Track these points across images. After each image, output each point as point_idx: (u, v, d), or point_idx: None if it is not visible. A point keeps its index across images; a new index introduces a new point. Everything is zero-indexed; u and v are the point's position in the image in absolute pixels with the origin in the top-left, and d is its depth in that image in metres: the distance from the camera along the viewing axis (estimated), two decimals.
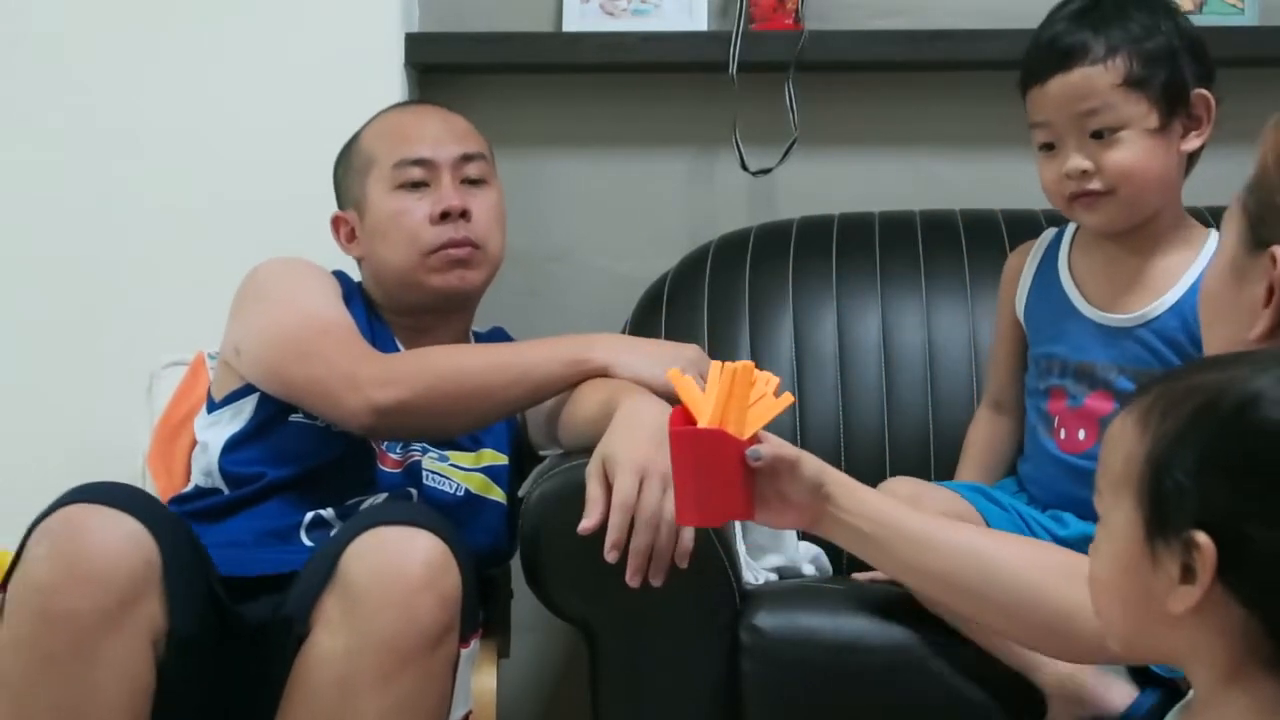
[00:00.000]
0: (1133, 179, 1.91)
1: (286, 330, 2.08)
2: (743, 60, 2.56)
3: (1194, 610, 1.16)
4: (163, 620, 1.76)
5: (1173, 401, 1.20)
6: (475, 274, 2.19)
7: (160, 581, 1.76)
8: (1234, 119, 2.50)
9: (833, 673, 1.89)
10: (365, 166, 2.21)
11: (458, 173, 2.20)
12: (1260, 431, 1.15)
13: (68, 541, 1.74)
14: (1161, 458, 1.18)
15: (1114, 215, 1.94)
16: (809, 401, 2.39)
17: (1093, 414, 1.95)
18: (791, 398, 1.60)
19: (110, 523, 1.75)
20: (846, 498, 1.61)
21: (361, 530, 1.79)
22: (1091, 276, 2.01)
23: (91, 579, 1.72)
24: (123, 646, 1.73)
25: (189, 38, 2.57)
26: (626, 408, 1.85)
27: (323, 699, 1.75)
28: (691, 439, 1.54)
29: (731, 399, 1.54)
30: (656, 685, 1.94)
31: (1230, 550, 1.14)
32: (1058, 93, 1.91)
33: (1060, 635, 1.53)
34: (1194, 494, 1.16)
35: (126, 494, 1.80)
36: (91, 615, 1.71)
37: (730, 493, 1.56)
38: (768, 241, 2.50)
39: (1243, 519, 1.14)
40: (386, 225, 2.18)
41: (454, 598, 1.78)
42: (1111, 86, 1.90)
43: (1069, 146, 1.92)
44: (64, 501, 1.78)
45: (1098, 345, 1.96)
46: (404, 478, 2.12)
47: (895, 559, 1.61)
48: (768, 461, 1.56)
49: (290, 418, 2.10)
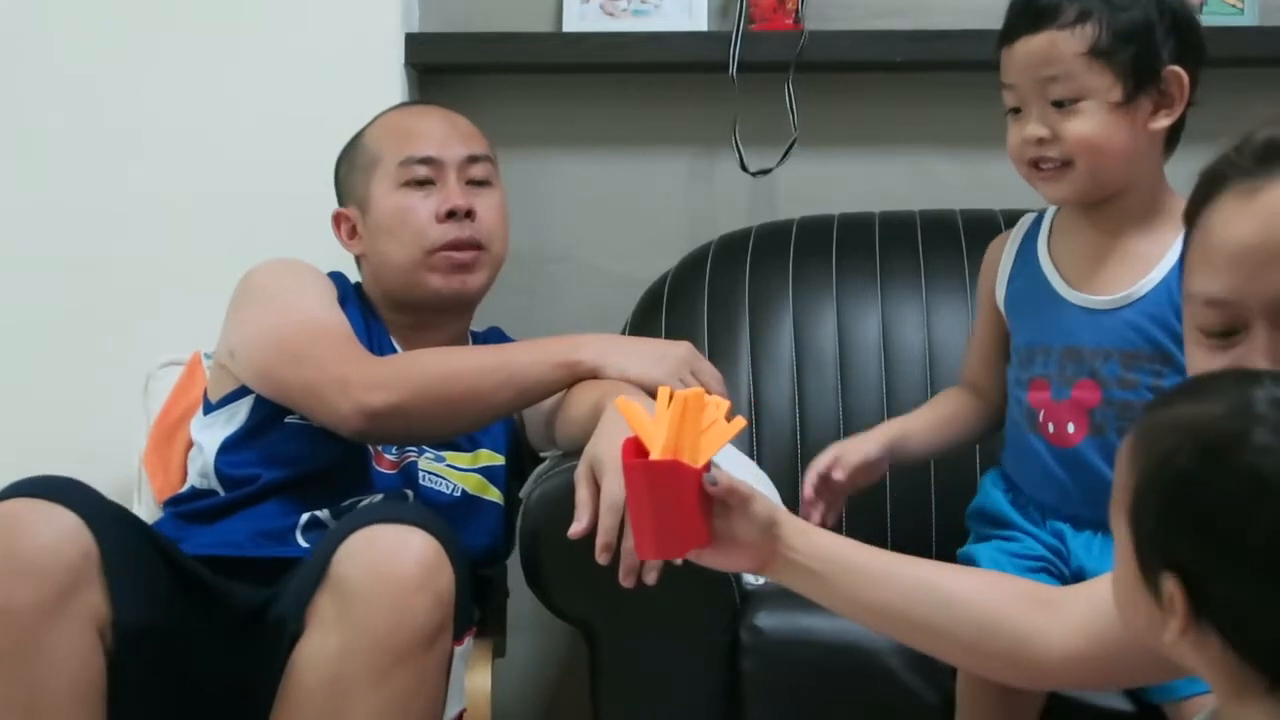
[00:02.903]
0: (1091, 152, 1.85)
1: (279, 333, 2.08)
2: (743, 60, 2.56)
3: (1185, 638, 1.18)
4: (106, 610, 1.77)
5: (1156, 436, 1.21)
6: (477, 278, 2.20)
7: (99, 571, 1.76)
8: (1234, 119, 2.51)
9: (833, 673, 1.88)
10: (370, 164, 2.21)
11: (463, 173, 2.20)
12: (1220, 484, 1.16)
13: (4, 536, 1.75)
14: (1141, 496, 1.21)
15: (1074, 188, 1.88)
16: (809, 401, 2.39)
17: (1080, 406, 1.89)
18: (744, 421, 1.54)
19: (45, 516, 1.76)
20: (798, 537, 1.55)
21: (355, 529, 1.79)
22: (1072, 259, 1.95)
23: (28, 572, 1.73)
24: (66, 639, 1.74)
25: (189, 38, 2.58)
26: (613, 410, 1.86)
27: (316, 698, 1.75)
28: (645, 471, 1.49)
29: (684, 427, 1.49)
30: (656, 685, 1.94)
31: (1200, 592, 1.17)
32: (1022, 55, 1.86)
33: (1021, 663, 1.50)
34: (1164, 536, 1.19)
35: (65, 486, 1.81)
36: (30, 608, 1.72)
37: (689, 523, 1.51)
38: (768, 242, 2.50)
39: (1206, 565, 1.16)
40: (391, 222, 2.19)
41: (448, 597, 1.78)
42: (1075, 55, 1.84)
43: (1031, 112, 1.87)
44: (2, 496, 1.79)
45: (1083, 329, 1.90)
46: (400, 479, 2.12)
47: (849, 598, 1.55)
48: (723, 489, 1.50)
49: (285, 420, 2.11)
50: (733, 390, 2.31)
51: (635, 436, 1.52)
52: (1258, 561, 1.14)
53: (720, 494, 1.51)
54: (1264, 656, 1.17)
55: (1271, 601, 1.15)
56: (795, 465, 2.35)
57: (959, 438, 2.07)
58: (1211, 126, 2.46)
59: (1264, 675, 1.17)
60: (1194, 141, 2.50)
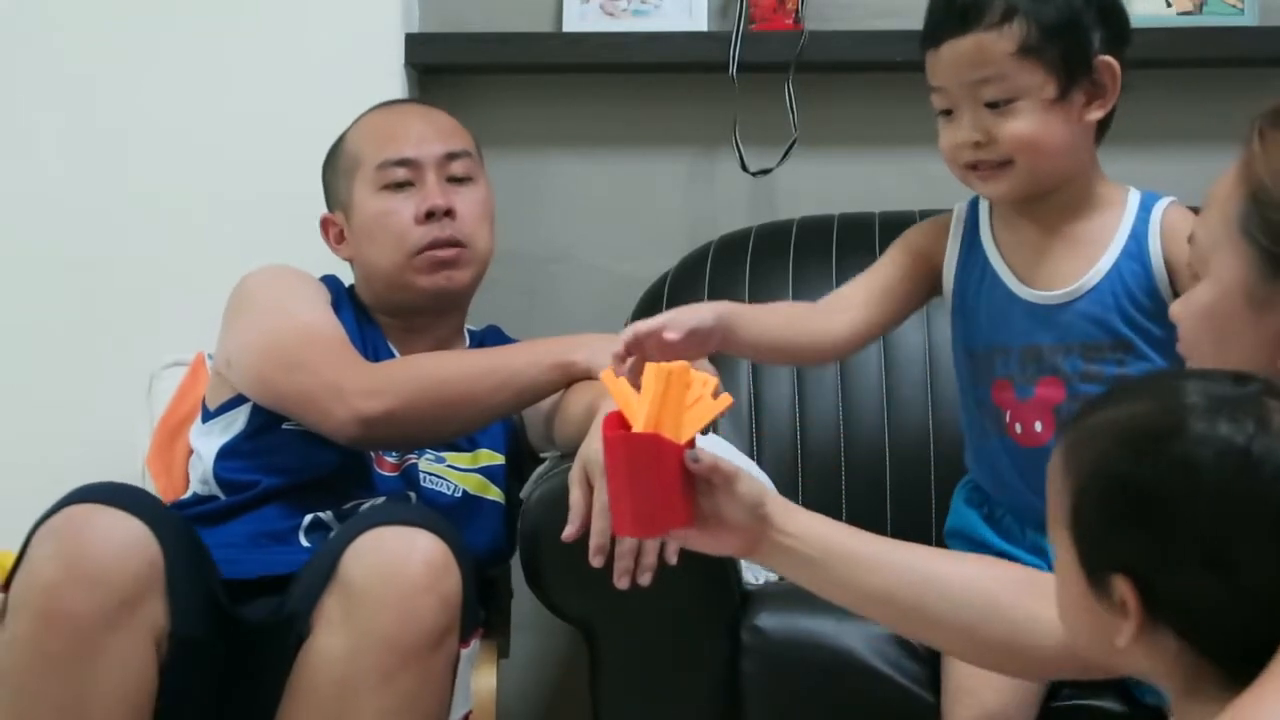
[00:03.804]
0: (1029, 150, 1.81)
1: (273, 341, 2.08)
2: (743, 60, 2.56)
3: (1137, 641, 1.18)
4: (165, 621, 1.77)
5: (1088, 439, 1.21)
6: (462, 273, 2.19)
7: (163, 582, 1.76)
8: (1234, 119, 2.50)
9: (833, 673, 1.89)
10: (351, 168, 2.21)
11: (442, 171, 2.20)
12: (1156, 477, 1.16)
13: (71, 541, 1.74)
14: (1080, 501, 1.21)
15: (1012, 186, 1.84)
16: (809, 402, 2.39)
17: (1046, 404, 1.86)
18: (730, 399, 1.49)
19: (114, 523, 1.75)
20: (786, 519, 1.51)
21: (362, 531, 1.79)
22: (1019, 252, 1.91)
23: (94, 579, 1.72)
24: (125, 647, 1.73)
25: (189, 38, 2.57)
26: (607, 408, 1.86)
27: (323, 699, 1.75)
28: (625, 443, 1.45)
29: (666, 402, 1.45)
30: (656, 685, 1.94)
31: (1150, 590, 1.17)
32: (951, 58, 1.81)
33: (1019, 652, 1.47)
34: (1109, 538, 1.19)
35: (130, 494, 1.81)
36: (94, 615, 1.71)
37: (669, 501, 1.46)
38: (768, 242, 2.50)
39: (1154, 562, 1.17)
40: (372, 227, 2.18)
41: (454, 598, 1.78)
42: (1006, 54, 1.79)
43: (964, 115, 1.83)
44: (68, 501, 1.78)
45: (1039, 326, 1.87)
46: (401, 481, 2.12)
47: (841, 583, 1.51)
48: (706, 466, 1.46)
49: (283, 426, 2.10)
50: (732, 390, 2.31)
51: (618, 411, 1.49)
52: (1204, 551, 1.15)
53: (702, 471, 1.47)
54: (1220, 648, 1.17)
55: (1222, 591, 1.15)
56: (795, 465, 2.35)
57: (788, 343, 1.95)
58: (1212, 126, 2.48)
59: (1220, 668, 1.17)
60: (1194, 141, 2.52)
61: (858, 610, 1.56)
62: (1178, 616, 1.17)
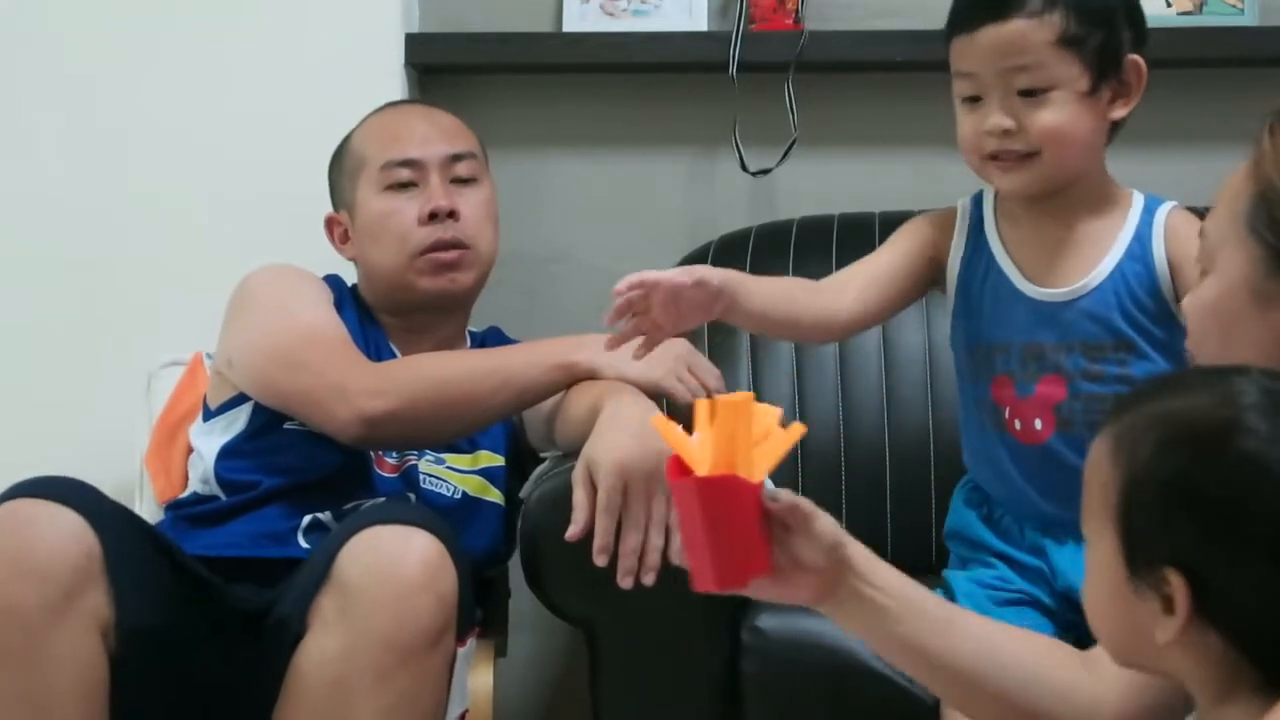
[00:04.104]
0: (1058, 142, 1.81)
1: (276, 341, 2.08)
2: (743, 60, 2.56)
3: (1178, 639, 1.17)
4: (109, 611, 1.77)
5: (1141, 430, 1.20)
6: (465, 275, 2.19)
7: (103, 573, 1.77)
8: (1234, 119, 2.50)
9: (833, 673, 1.89)
10: (355, 168, 2.21)
11: (446, 172, 2.20)
12: (1220, 473, 1.16)
13: (11, 535, 1.75)
14: (1132, 493, 1.19)
15: (1031, 179, 1.84)
16: (809, 402, 2.39)
17: (1046, 401, 1.86)
18: (802, 428, 1.37)
19: (51, 516, 1.76)
20: (870, 566, 1.41)
21: (358, 530, 1.79)
22: (1026, 250, 1.91)
23: (34, 572, 1.73)
24: (70, 639, 1.74)
25: (189, 38, 2.57)
26: (609, 410, 1.87)
27: (319, 698, 1.75)
28: (698, 488, 1.32)
29: (734, 437, 1.32)
30: (656, 685, 1.94)
31: (1203, 586, 1.15)
32: (988, 44, 1.80)
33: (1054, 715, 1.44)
34: (1163, 531, 1.17)
35: (69, 487, 1.81)
36: (37, 608, 1.73)
37: (749, 545, 1.34)
38: (768, 242, 2.50)
39: (1211, 557, 1.15)
40: (376, 227, 2.18)
41: (451, 597, 1.78)
42: (1045, 43, 1.79)
43: (993, 102, 1.82)
44: (7, 496, 1.79)
45: (1042, 325, 1.87)
46: (401, 482, 2.12)
47: (905, 640, 1.42)
48: (785, 506, 1.35)
49: (284, 426, 2.10)
50: (732, 390, 2.31)
51: (675, 456, 1.36)
52: (1263, 549, 1.14)
53: (781, 510, 1.36)
54: (1266, 648, 1.16)
55: (1275, 588, 1.14)
56: (796, 465, 2.35)
57: (792, 318, 1.91)
58: (1211, 126, 2.48)
59: (1259, 671, 1.16)
60: (1194, 141, 2.52)
61: (908, 669, 1.49)
62: (1229, 614, 1.16)
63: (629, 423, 1.84)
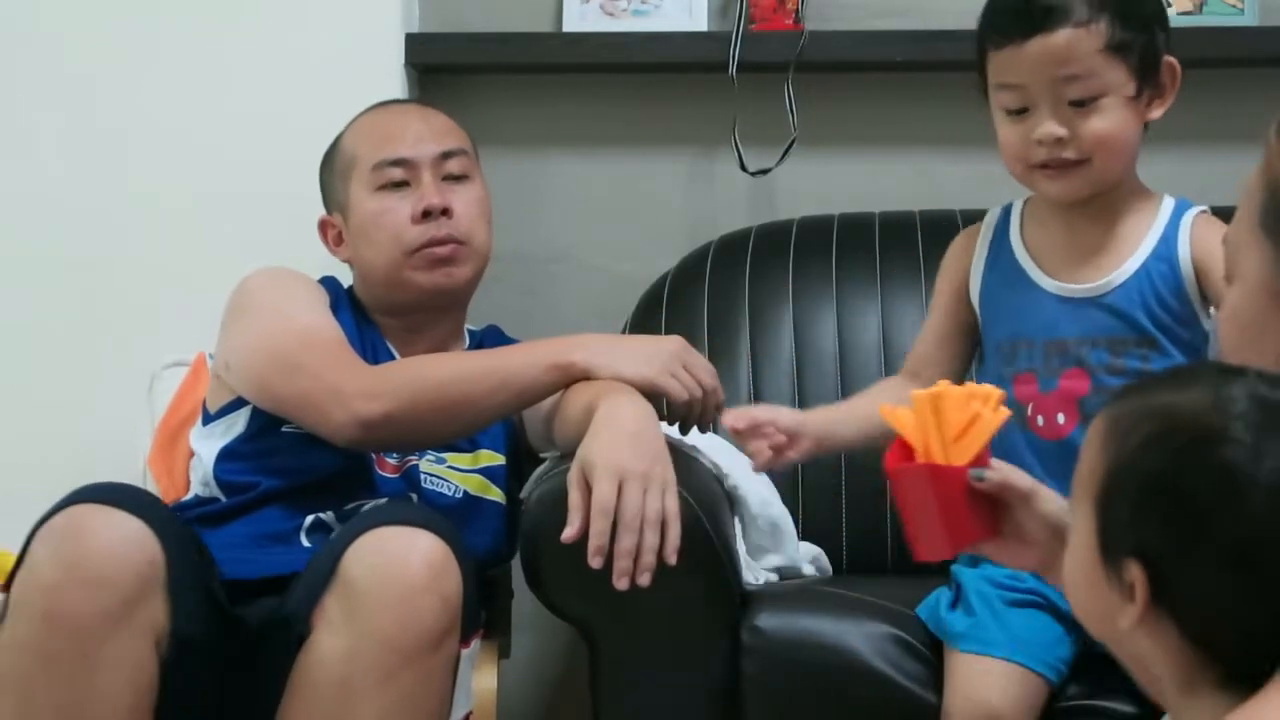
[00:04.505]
0: (1108, 148, 1.83)
1: (271, 344, 2.08)
2: (743, 60, 2.56)
3: (1140, 626, 1.18)
4: (165, 621, 1.76)
5: (1134, 420, 1.21)
6: (461, 270, 2.19)
7: (163, 582, 1.76)
8: (1234, 119, 2.51)
9: (833, 673, 1.89)
10: (347, 169, 2.21)
11: (438, 170, 2.19)
12: (1195, 478, 1.16)
13: (72, 542, 1.74)
14: (1113, 480, 1.20)
15: (1081, 185, 1.85)
16: (809, 402, 2.38)
17: (1069, 396, 1.87)
18: (1008, 412, 1.51)
19: (114, 523, 1.75)
20: None
21: (363, 531, 1.79)
22: (1049, 249, 1.92)
23: (95, 580, 1.72)
24: (126, 647, 1.73)
25: (190, 38, 2.57)
26: (604, 410, 1.87)
27: (323, 699, 1.75)
28: (902, 476, 1.52)
29: (939, 426, 1.49)
30: (656, 685, 1.94)
31: (1163, 581, 1.17)
32: (1038, 55, 1.80)
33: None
34: (1133, 522, 1.19)
35: (130, 494, 1.81)
36: (94, 616, 1.71)
37: (957, 523, 1.50)
38: (768, 241, 2.50)
39: (1172, 556, 1.17)
40: (369, 227, 2.18)
41: (455, 598, 1.78)
42: (1095, 51, 1.79)
43: (1043, 112, 1.82)
44: (68, 502, 1.78)
45: (1064, 319, 1.88)
46: (402, 482, 2.11)
47: None
48: (994, 486, 1.49)
49: (283, 429, 2.10)
50: (732, 390, 2.31)
51: (900, 441, 1.52)
52: (1224, 557, 1.15)
53: (992, 489, 1.49)
54: (1220, 648, 1.17)
55: (1233, 597, 1.15)
56: (795, 465, 2.35)
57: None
58: (1211, 126, 2.48)
59: (1217, 667, 1.17)
60: (1194, 141, 2.51)
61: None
62: (1183, 611, 1.17)
63: (624, 423, 1.84)
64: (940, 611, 1.88)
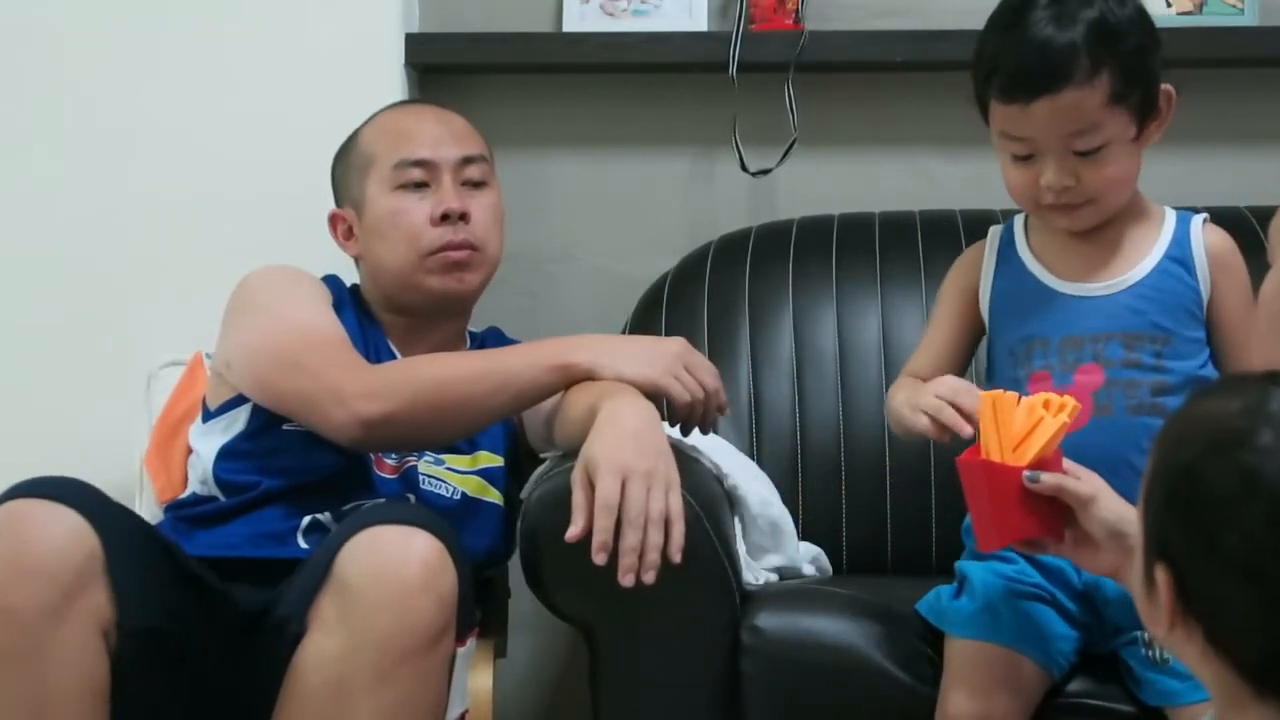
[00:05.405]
0: (1114, 188, 1.87)
1: (273, 343, 2.08)
2: (743, 60, 2.56)
3: (1177, 633, 1.18)
4: (110, 611, 1.76)
5: (1182, 425, 1.21)
6: (473, 276, 2.19)
7: (103, 573, 1.76)
8: (1234, 119, 2.51)
9: (833, 673, 1.89)
10: (365, 165, 2.21)
11: (458, 175, 2.19)
12: (1218, 482, 1.15)
13: (10, 536, 1.74)
14: (1155, 482, 1.20)
15: (1089, 218, 1.89)
16: (809, 402, 2.39)
17: (1084, 389, 1.86)
18: (1068, 419, 1.62)
19: (51, 516, 1.75)
20: None
21: (358, 530, 1.79)
22: (1059, 255, 1.94)
23: (33, 573, 1.73)
24: (70, 639, 1.73)
25: (189, 38, 2.57)
26: (607, 410, 1.87)
27: (319, 699, 1.75)
28: (963, 469, 1.66)
29: (1000, 427, 1.62)
30: (656, 685, 1.94)
31: (1184, 585, 1.16)
32: (1044, 115, 1.82)
33: None
34: (1163, 524, 1.18)
35: (69, 487, 1.80)
36: (36, 610, 1.72)
37: (1012, 517, 1.63)
38: (767, 242, 2.50)
39: (1191, 558, 1.16)
40: (385, 225, 2.18)
41: (451, 598, 1.78)
42: (1099, 107, 1.82)
43: (1049, 161, 1.85)
44: (6, 497, 1.79)
45: (1079, 317, 1.90)
46: (400, 483, 2.11)
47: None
48: (1047, 489, 1.59)
49: (283, 427, 2.10)
50: (732, 390, 2.31)
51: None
52: (1234, 560, 1.13)
53: (1045, 491, 1.59)
54: (1240, 658, 1.15)
55: (1244, 603, 1.14)
56: (795, 465, 2.35)
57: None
58: (1212, 126, 2.48)
59: (1244, 679, 1.16)
60: (1194, 141, 2.51)
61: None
62: (1206, 617, 1.16)
63: (627, 422, 1.85)
64: (942, 602, 1.89)
